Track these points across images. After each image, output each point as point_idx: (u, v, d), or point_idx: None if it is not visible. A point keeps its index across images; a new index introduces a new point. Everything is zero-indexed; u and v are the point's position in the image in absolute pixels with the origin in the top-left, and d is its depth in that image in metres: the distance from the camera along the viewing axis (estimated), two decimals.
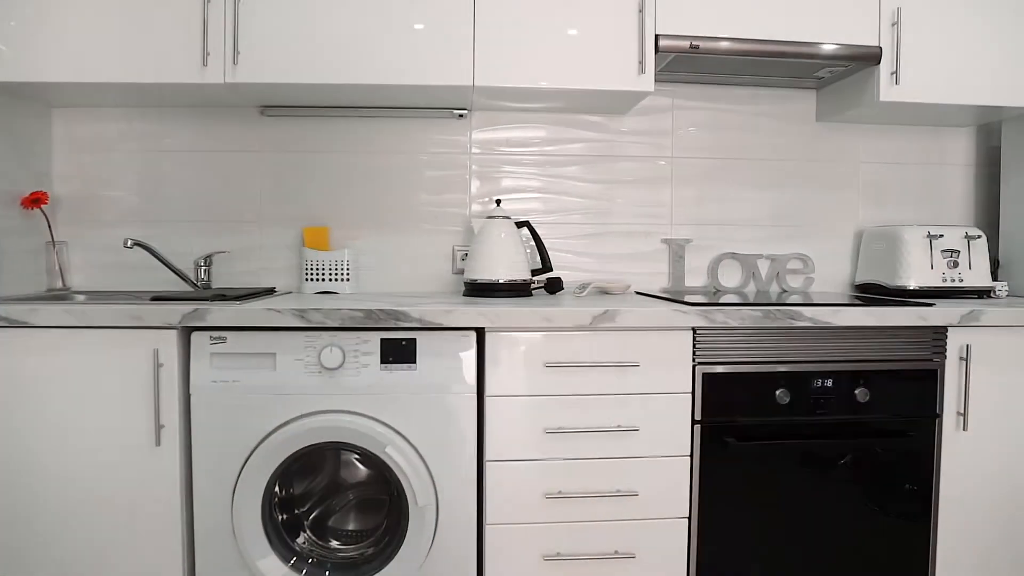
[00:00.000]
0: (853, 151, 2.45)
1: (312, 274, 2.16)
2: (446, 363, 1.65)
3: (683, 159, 2.36)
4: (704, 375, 1.75)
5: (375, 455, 1.62)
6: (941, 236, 2.20)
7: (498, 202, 2.14)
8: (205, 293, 1.85)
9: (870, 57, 2.03)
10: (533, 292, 2.14)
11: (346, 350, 1.62)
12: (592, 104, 2.16)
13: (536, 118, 2.28)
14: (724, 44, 1.96)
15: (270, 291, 2.08)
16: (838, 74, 2.18)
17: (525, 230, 2.23)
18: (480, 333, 1.70)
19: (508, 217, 2.09)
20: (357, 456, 1.82)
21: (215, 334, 1.62)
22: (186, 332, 1.66)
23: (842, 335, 1.80)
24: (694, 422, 1.75)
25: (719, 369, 1.76)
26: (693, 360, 1.75)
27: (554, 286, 2.18)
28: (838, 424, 1.81)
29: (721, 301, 1.82)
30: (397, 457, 1.61)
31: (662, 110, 2.35)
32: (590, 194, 2.32)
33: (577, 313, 1.66)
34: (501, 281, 2.02)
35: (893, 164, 2.47)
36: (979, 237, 2.21)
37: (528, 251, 2.15)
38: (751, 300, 1.93)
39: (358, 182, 2.23)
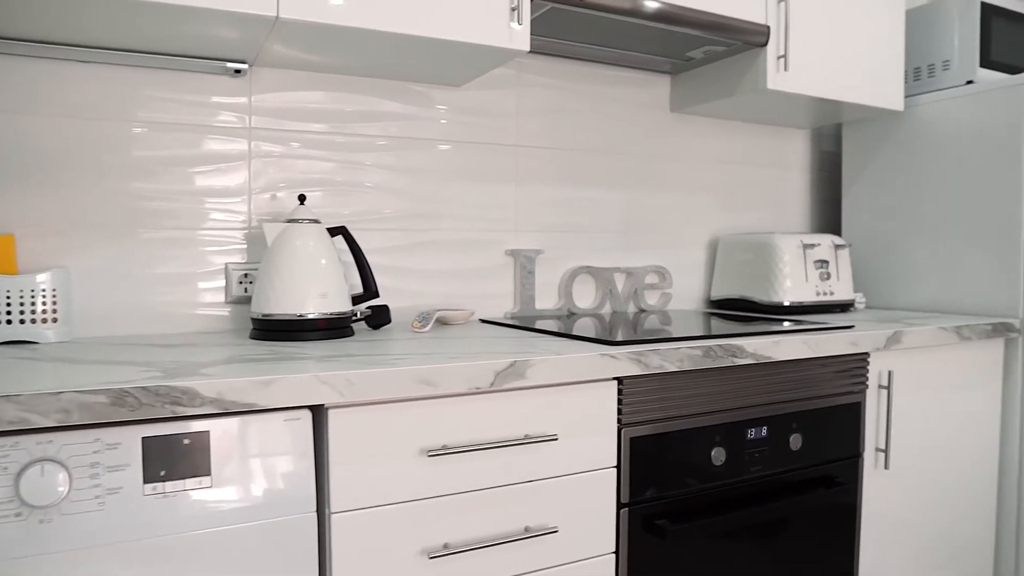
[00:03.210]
0: (705, 148, 2.15)
1: None
2: (263, 468, 0.98)
3: (529, 148, 1.87)
4: (632, 440, 1.27)
5: None
6: (816, 245, 1.96)
7: (302, 199, 1.47)
8: None
9: (759, 35, 1.71)
10: (353, 328, 1.51)
11: (72, 467, 0.88)
12: (428, 67, 1.58)
13: (344, 83, 1.64)
14: (614, 0, 1.50)
15: None
16: (712, 55, 1.83)
17: (340, 239, 1.59)
18: (317, 412, 1.04)
19: (318, 221, 1.44)
20: None
21: None
22: None
23: (775, 370, 1.43)
24: (620, 505, 1.26)
25: (647, 430, 1.28)
26: (618, 422, 1.25)
27: (379, 318, 1.56)
28: (774, 480, 1.44)
29: (651, 337, 1.35)
30: None
31: (505, 85, 1.83)
32: (414, 191, 1.73)
33: (472, 370, 1.08)
34: (312, 316, 1.37)
35: (741, 164, 2.22)
36: (846, 247, 2.01)
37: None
38: (612, 325, 1.50)
39: (67, 165, 1.41)
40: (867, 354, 1.57)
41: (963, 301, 1.97)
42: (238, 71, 1.49)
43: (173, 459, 0.92)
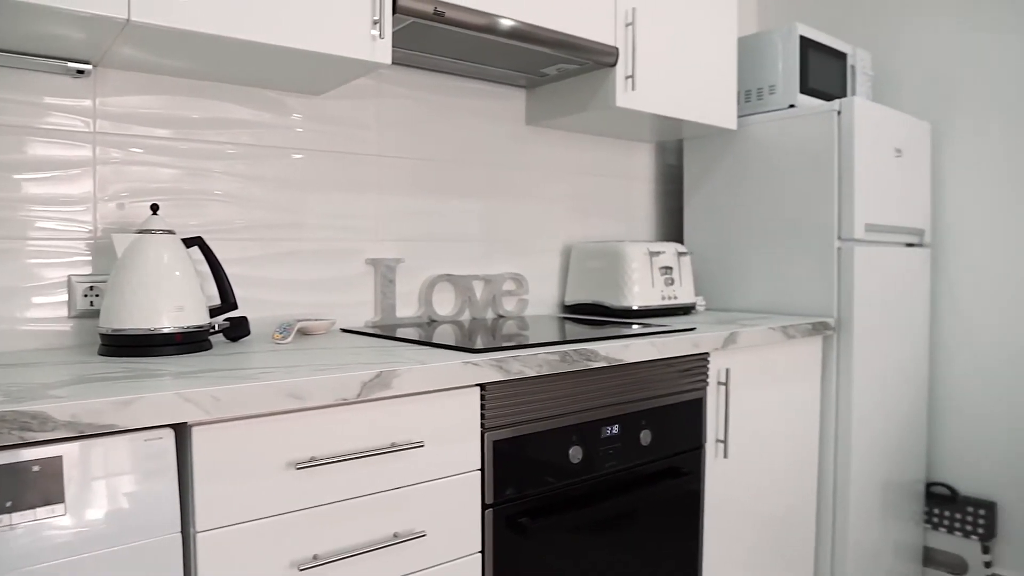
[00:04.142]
0: (559, 160, 2.25)
1: None
2: (123, 491, 0.95)
3: (389, 159, 1.88)
4: (495, 444, 1.32)
5: None
6: (660, 253, 2.10)
7: (155, 208, 1.41)
8: None
9: (609, 55, 1.82)
10: (211, 341, 1.47)
11: None
12: (288, 76, 1.56)
13: (197, 88, 1.59)
14: (473, 17, 1.55)
15: None
16: (565, 72, 1.93)
17: (196, 250, 1.54)
18: (180, 430, 1.02)
19: (172, 231, 1.39)
20: None
21: None
22: None
23: (626, 372, 1.54)
24: (485, 506, 1.32)
25: (509, 433, 1.35)
26: (482, 427, 1.31)
27: (238, 330, 1.53)
28: (627, 474, 1.55)
29: (510, 344, 1.40)
30: None
31: (365, 95, 1.84)
32: (270, 200, 1.71)
33: (339, 382, 1.10)
34: (168, 330, 1.32)
35: (592, 176, 2.34)
36: (687, 254, 2.18)
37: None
38: (472, 331, 1.56)
39: None
40: (707, 354, 1.71)
41: (789, 302, 2.18)
42: (81, 72, 1.41)
43: (21, 488, 0.88)
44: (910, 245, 2.37)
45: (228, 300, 1.51)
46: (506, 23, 1.61)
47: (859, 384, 2.08)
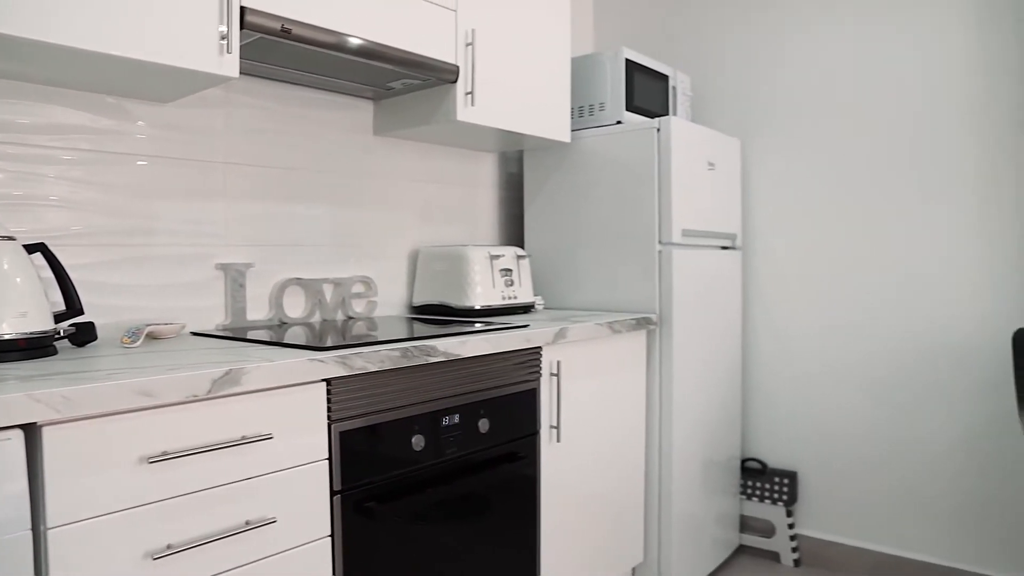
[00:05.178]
0: (406, 169, 2.37)
1: None
2: None
3: (238, 166, 1.94)
4: (341, 434, 1.43)
5: None
6: (500, 256, 2.27)
7: None
8: None
9: (449, 73, 1.96)
10: (56, 347, 1.48)
11: None
12: (133, 84, 1.59)
13: (28, 91, 1.58)
14: (319, 35, 1.64)
15: None
16: (410, 87, 2.06)
17: (39, 256, 1.54)
18: (30, 430, 1.06)
19: (13, 238, 1.40)
20: None
21: None
22: None
23: (463, 366, 1.69)
24: (333, 493, 1.42)
25: (355, 424, 1.46)
26: (328, 419, 1.41)
27: (85, 335, 1.54)
28: (467, 460, 1.69)
29: (355, 342, 1.51)
30: None
31: (213, 104, 1.88)
32: (113, 206, 1.72)
33: (190, 379, 1.17)
34: (9, 336, 1.33)
35: (438, 183, 2.48)
36: (526, 256, 2.36)
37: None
38: (322, 331, 1.67)
39: None
40: (539, 348, 1.89)
41: (618, 300, 2.42)
42: None
43: None
44: (724, 248, 2.67)
45: (73, 306, 1.52)
46: (352, 41, 1.71)
47: (680, 373, 2.34)
